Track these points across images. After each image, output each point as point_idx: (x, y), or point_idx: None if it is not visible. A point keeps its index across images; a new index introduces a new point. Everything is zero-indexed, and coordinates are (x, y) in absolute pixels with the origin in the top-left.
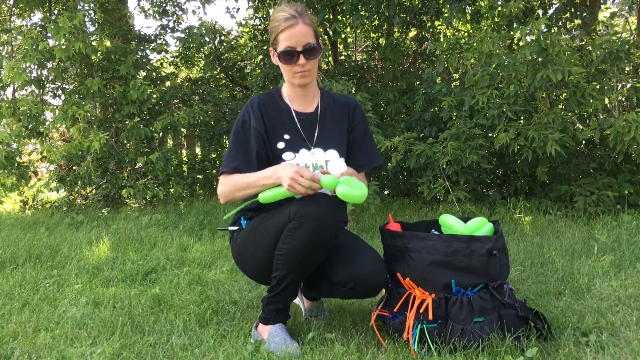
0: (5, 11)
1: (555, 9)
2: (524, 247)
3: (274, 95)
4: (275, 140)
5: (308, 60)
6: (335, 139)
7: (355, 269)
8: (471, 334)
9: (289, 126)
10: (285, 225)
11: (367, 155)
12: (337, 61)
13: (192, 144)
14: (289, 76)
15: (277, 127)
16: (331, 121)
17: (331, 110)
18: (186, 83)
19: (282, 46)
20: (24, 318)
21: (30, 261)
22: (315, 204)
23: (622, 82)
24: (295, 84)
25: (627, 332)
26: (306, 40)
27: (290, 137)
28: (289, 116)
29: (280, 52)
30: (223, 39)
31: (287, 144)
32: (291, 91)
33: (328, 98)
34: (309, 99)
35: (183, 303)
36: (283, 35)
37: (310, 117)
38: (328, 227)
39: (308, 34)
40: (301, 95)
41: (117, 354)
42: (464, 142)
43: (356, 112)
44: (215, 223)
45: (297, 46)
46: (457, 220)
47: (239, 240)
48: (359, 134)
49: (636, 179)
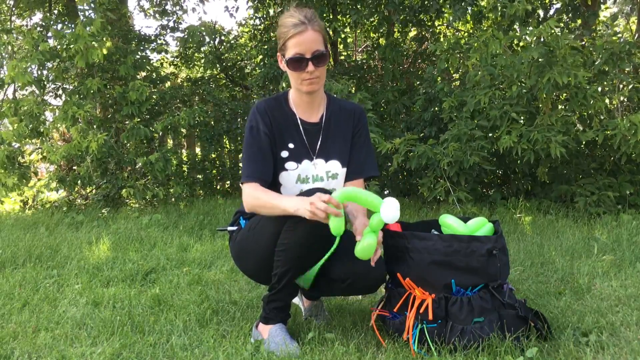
0: (6, 11)
1: (556, 9)
2: (524, 247)
3: (280, 100)
4: (280, 148)
5: (317, 67)
6: (338, 148)
7: (354, 265)
8: (471, 334)
9: (294, 135)
10: (285, 222)
11: (365, 164)
12: (337, 61)
13: (192, 144)
14: (297, 83)
15: (283, 135)
16: (336, 129)
17: (337, 118)
18: (186, 83)
19: (291, 53)
20: (24, 318)
21: (30, 261)
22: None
23: (623, 83)
24: (304, 91)
25: (627, 332)
26: (315, 47)
27: (294, 147)
28: (295, 124)
29: (289, 59)
30: (223, 39)
31: (290, 154)
32: (297, 98)
33: (334, 105)
34: (314, 107)
35: (183, 303)
36: (292, 42)
37: (315, 127)
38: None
39: (317, 41)
40: (307, 103)
41: (117, 354)
42: (465, 143)
43: (360, 119)
44: (215, 223)
45: (306, 53)
46: (457, 221)
47: (237, 239)
48: (358, 142)
49: (636, 179)
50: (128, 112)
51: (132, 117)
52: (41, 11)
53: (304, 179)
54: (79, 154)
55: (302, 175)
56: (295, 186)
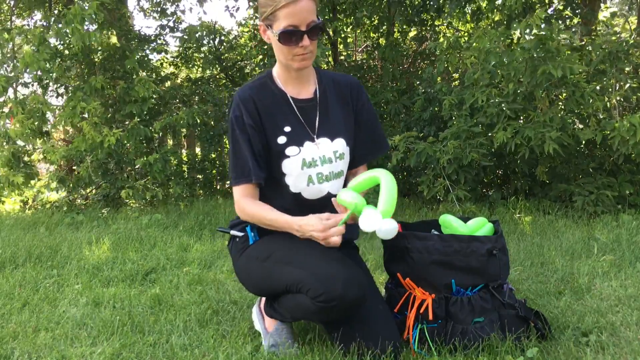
0: (6, 11)
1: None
2: (524, 247)
3: (265, 81)
4: (274, 135)
5: (312, 41)
6: (341, 125)
7: (368, 338)
8: (471, 334)
9: (289, 116)
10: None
11: (376, 142)
12: (337, 61)
13: (192, 144)
14: (288, 58)
15: (276, 119)
16: (334, 105)
17: (332, 92)
18: (186, 83)
19: (283, 24)
20: (24, 318)
21: (30, 261)
22: (343, 285)
23: (621, 82)
24: (295, 67)
25: (627, 332)
26: (311, 19)
27: (291, 129)
28: (287, 103)
29: (281, 32)
30: (223, 39)
31: (289, 138)
32: (285, 74)
33: (326, 78)
34: (304, 82)
35: (183, 303)
36: (284, 12)
37: (310, 103)
38: (356, 307)
39: (312, 11)
40: (297, 78)
41: (117, 354)
42: (464, 140)
43: (360, 92)
44: (215, 223)
45: (300, 25)
46: (457, 220)
47: (245, 255)
48: (366, 117)
49: (636, 179)
50: (130, 111)
51: (132, 117)
52: (41, 11)
53: (310, 162)
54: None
55: (307, 160)
56: (302, 172)
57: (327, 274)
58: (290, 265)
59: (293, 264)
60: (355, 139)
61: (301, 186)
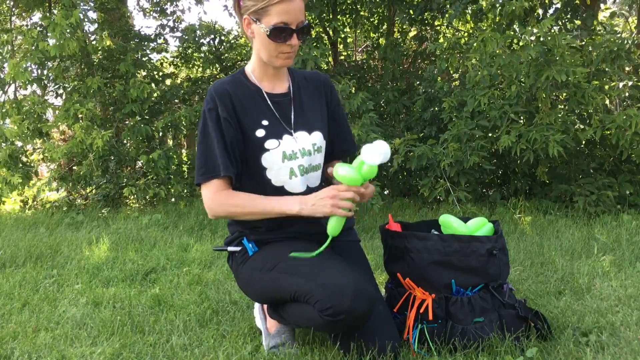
0: (6, 11)
1: (555, 9)
2: (524, 247)
3: (238, 78)
4: (252, 128)
5: (299, 41)
6: (317, 119)
7: (368, 339)
8: (471, 334)
9: (265, 110)
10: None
11: (349, 139)
12: (337, 61)
13: (192, 144)
14: (272, 55)
15: (253, 113)
16: (308, 100)
17: (305, 88)
18: (186, 83)
19: (274, 20)
20: (24, 318)
21: (30, 261)
22: (351, 298)
23: (622, 81)
24: (277, 65)
25: (627, 332)
26: (301, 18)
27: (269, 123)
28: (262, 98)
29: (273, 28)
30: (223, 39)
31: (267, 131)
32: (261, 70)
33: (297, 74)
34: (279, 78)
35: (183, 303)
36: (277, 8)
37: (284, 98)
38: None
39: (303, 11)
40: (273, 75)
41: (117, 354)
42: (465, 143)
43: (332, 90)
44: (215, 223)
45: (292, 23)
46: (457, 220)
47: (247, 266)
48: (339, 115)
49: (636, 179)
50: (129, 110)
51: (132, 116)
52: (41, 11)
53: (291, 155)
54: (80, 152)
55: (287, 152)
56: (283, 165)
57: (336, 285)
58: (296, 275)
59: (300, 274)
60: (331, 135)
61: (283, 179)
